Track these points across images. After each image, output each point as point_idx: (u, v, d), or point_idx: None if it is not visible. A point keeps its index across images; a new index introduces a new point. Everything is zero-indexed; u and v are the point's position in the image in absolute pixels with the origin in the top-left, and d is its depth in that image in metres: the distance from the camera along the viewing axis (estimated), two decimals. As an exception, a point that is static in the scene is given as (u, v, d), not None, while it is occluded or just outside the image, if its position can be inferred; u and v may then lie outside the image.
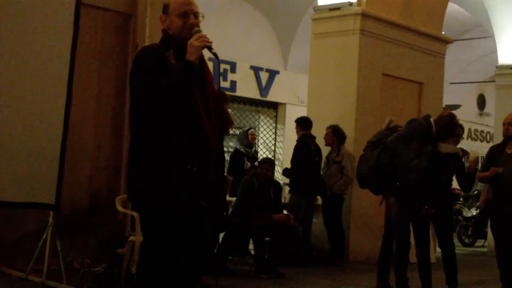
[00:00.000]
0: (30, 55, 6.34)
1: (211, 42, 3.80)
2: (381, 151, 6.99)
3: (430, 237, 7.72)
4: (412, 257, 7.93)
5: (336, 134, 10.12)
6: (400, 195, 7.02)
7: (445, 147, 7.16)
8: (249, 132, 11.17)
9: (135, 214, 6.95)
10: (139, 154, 3.83)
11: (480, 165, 8.28)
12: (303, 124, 10.25)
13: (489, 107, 22.09)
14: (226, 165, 10.77)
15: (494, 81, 16.00)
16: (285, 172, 10.65)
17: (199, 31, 3.84)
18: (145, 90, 3.74)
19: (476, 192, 15.27)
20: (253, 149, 11.38)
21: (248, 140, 11.03)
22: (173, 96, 3.70)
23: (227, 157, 11.33)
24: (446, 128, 7.02)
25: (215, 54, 3.86)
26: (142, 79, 3.76)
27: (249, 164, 10.53)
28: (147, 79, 3.72)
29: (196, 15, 3.91)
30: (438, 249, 7.57)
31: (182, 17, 3.91)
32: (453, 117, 7.14)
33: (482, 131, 23.36)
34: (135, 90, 3.85)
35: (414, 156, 6.84)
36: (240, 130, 11.87)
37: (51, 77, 6.49)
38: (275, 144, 17.10)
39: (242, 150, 10.92)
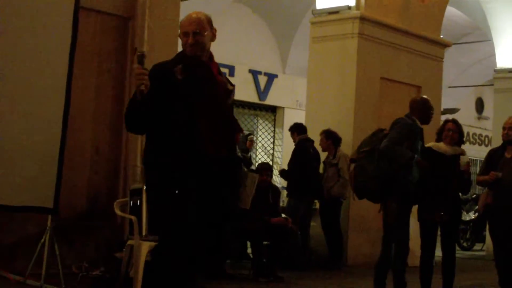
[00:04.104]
0: (29, 59, 6.34)
1: (144, 82, 3.98)
2: (378, 159, 6.90)
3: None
4: (412, 261, 7.92)
5: (329, 138, 10.13)
6: (402, 200, 6.94)
7: (450, 149, 7.15)
8: (248, 138, 11.17)
9: (133, 218, 6.95)
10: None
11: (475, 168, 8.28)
12: (298, 129, 10.27)
13: (488, 110, 22.11)
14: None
15: (492, 85, 16.01)
16: (282, 173, 10.64)
17: (142, 56, 4.07)
18: None
19: (475, 195, 15.28)
20: (249, 155, 11.38)
21: (246, 145, 11.04)
22: (139, 118, 4.08)
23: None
24: (419, 109, 7.10)
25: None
26: None
27: (245, 169, 10.53)
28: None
29: (195, 33, 4.14)
30: (436, 253, 7.55)
31: (183, 36, 4.17)
32: (425, 100, 7.23)
33: (481, 135, 23.37)
34: None
35: (412, 153, 6.85)
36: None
37: (49, 81, 6.49)
38: (274, 148, 17.10)
39: (239, 154, 10.93)
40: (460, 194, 7.68)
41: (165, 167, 4.02)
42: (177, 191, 3.99)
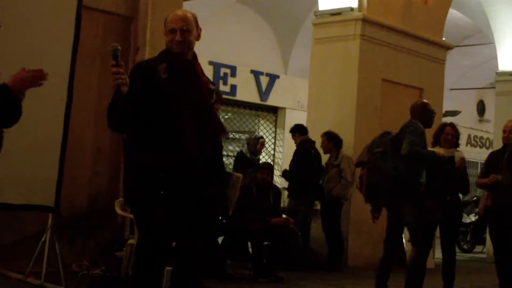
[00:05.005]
0: (31, 58, 6.35)
1: (120, 82, 4.08)
2: (393, 160, 6.82)
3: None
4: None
5: (331, 140, 10.13)
6: (416, 202, 6.85)
7: (447, 153, 7.16)
8: (260, 140, 11.17)
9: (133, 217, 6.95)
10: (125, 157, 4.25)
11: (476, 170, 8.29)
12: (300, 130, 10.27)
13: (489, 113, 22.08)
14: (231, 167, 10.72)
15: (494, 88, 16.00)
16: (285, 173, 10.63)
17: (115, 51, 4.20)
18: None
19: (475, 198, 15.30)
20: (257, 157, 11.38)
21: (256, 148, 11.05)
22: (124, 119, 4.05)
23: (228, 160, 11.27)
24: (420, 113, 7.08)
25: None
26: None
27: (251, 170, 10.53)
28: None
29: (182, 30, 4.13)
30: (437, 255, 7.56)
31: (170, 33, 4.17)
32: (425, 103, 7.20)
33: (482, 137, 23.34)
34: None
35: (433, 151, 6.92)
36: (247, 135, 11.85)
37: (51, 80, 6.45)
38: (275, 149, 17.10)
39: (248, 155, 10.91)
40: (461, 195, 7.70)
41: (148, 165, 3.98)
42: (162, 192, 3.97)
